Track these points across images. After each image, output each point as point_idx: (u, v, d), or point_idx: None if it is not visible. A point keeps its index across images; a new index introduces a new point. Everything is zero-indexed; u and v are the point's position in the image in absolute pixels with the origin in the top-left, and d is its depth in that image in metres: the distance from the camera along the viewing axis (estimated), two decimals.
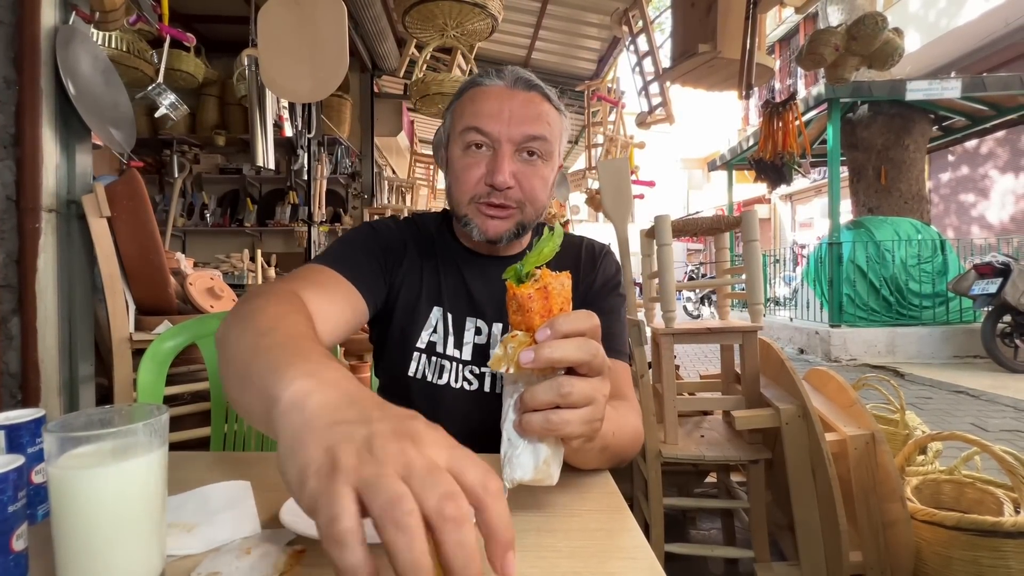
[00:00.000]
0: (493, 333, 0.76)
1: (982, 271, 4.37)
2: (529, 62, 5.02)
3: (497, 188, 0.69)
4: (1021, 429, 2.96)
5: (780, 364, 1.49)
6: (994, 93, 5.07)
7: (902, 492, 1.32)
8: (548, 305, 0.44)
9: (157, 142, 4.36)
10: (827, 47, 2.09)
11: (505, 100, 0.70)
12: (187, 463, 0.64)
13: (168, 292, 1.37)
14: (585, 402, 0.42)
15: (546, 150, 0.71)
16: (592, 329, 0.43)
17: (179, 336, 1.18)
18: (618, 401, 0.66)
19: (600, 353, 0.43)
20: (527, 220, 0.74)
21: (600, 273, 0.80)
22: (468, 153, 0.71)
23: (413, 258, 0.77)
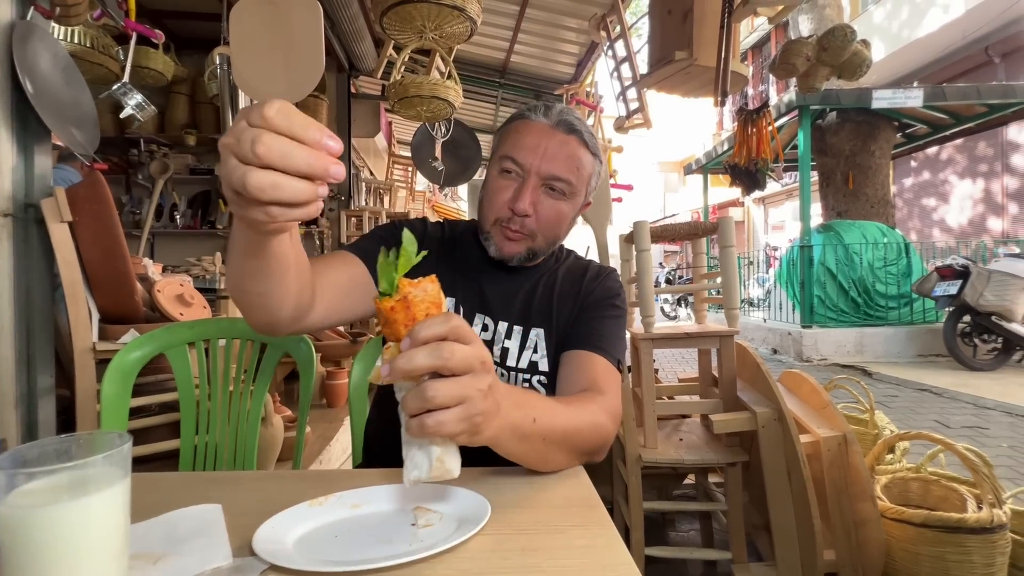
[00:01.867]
0: (498, 331, 0.80)
1: (943, 273, 4.55)
2: (508, 65, 5.02)
3: (516, 214, 0.76)
4: (981, 425, 3.09)
5: (756, 367, 1.52)
6: (953, 102, 5.29)
7: (872, 492, 1.36)
8: (411, 314, 0.45)
9: (124, 141, 4.21)
10: (799, 57, 2.15)
11: (544, 137, 0.77)
12: (153, 486, 0.61)
13: (134, 300, 1.32)
14: (455, 401, 0.43)
15: (569, 191, 0.78)
16: (451, 330, 0.44)
17: (146, 346, 1.14)
18: (584, 394, 0.68)
19: (460, 352, 0.43)
20: (538, 247, 0.81)
21: (599, 287, 0.84)
22: (502, 176, 0.78)
23: (432, 252, 0.84)
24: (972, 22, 7.74)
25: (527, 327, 0.81)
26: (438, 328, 0.43)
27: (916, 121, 6.25)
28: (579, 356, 0.75)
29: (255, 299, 0.59)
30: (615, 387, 0.73)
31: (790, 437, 1.32)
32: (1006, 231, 8.11)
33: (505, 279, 0.84)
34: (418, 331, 0.43)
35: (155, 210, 4.20)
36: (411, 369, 0.42)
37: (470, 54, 4.81)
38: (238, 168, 0.37)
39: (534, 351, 0.80)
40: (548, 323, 0.81)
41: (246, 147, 0.36)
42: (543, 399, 0.59)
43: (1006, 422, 3.15)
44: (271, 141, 0.37)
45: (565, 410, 0.60)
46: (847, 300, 5.38)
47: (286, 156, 0.37)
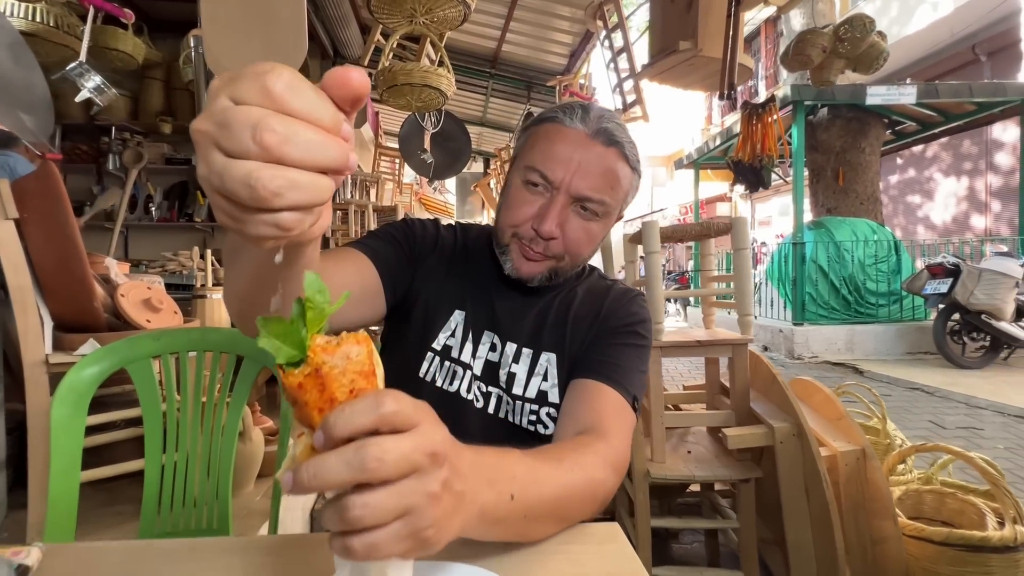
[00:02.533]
0: (506, 352, 0.72)
1: (934, 271, 4.55)
2: (499, 55, 4.87)
3: (541, 236, 0.67)
4: (975, 426, 3.08)
5: (771, 377, 1.43)
6: (945, 100, 5.29)
7: (893, 510, 1.29)
8: (328, 394, 0.32)
9: (94, 128, 3.99)
10: (815, 48, 2.06)
11: (579, 149, 0.66)
12: (85, 561, 0.49)
13: (93, 305, 1.18)
14: (392, 516, 0.30)
15: (603, 211, 0.69)
16: (381, 418, 0.30)
17: (103, 361, 1.01)
18: (583, 439, 0.56)
19: (393, 453, 0.30)
20: (562, 269, 0.71)
21: (622, 310, 0.74)
22: (527, 188, 0.68)
23: (443, 259, 0.76)
24: (960, 20, 7.78)
25: (537, 350, 0.71)
26: (361, 418, 0.30)
27: (906, 118, 6.26)
28: (587, 387, 0.64)
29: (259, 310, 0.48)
30: (624, 429, 0.61)
31: (810, 454, 1.24)
32: (989, 229, 8.22)
33: (518, 296, 0.74)
34: (333, 424, 0.30)
35: (128, 202, 3.99)
36: (322, 485, 0.30)
37: (459, 43, 4.66)
38: (234, 165, 0.26)
39: (544, 378, 0.70)
40: (560, 348, 0.71)
41: (243, 136, 0.26)
42: (523, 461, 0.45)
43: (999, 422, 3.15)
44: (284, 127, 0.26)
45: (553, 472, 0.47)
46: (838, 297, 5.38)
47: (308, 147, 0.27)
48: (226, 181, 0.26)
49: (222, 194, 0.27)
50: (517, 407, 0.69)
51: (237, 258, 0.45)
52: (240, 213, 0.28)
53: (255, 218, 0.28)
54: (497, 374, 0.70)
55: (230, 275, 0.48)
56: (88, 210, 4.07)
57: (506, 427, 0.69)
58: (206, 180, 0.27)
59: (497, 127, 6.56)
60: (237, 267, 0.46)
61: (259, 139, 0.26)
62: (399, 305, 0.73)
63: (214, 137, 0.26)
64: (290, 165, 0.27)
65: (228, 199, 0.27)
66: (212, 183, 0.27)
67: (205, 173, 0.27)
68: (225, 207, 0.28)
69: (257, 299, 0.46)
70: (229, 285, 0.50)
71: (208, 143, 0.27)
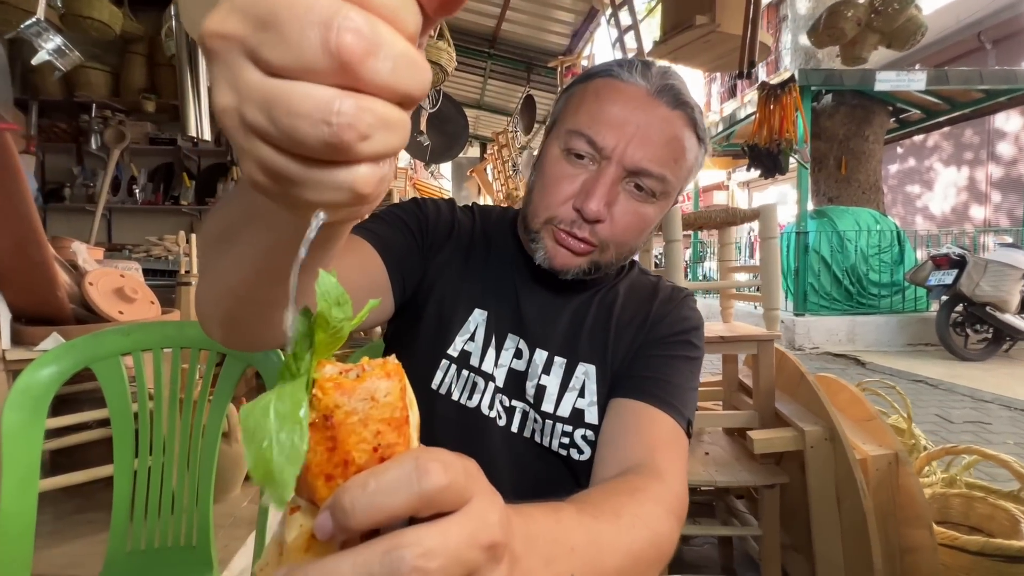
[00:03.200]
0: (534, 361, 0.60)
1: (939, 262, 4.49)
2: (498, 34, 4.69)
3: (585, 218, 0.54)
4: (983, 420, 3.02)
5: (797, 376, 1.34)
6: (953, 87, 5.18)
7: (929, 518, 1.21)
8: (340, 454, 0.21)
9: (73, 106, 3.80)
10: (848, 22, 1.94)
11: (638, 110, 0.54)
12: None
13: (56, 295, 1.06)
14: None
15: (662, 190, 0.56)
16: (423, 499, 0.20)
17: (64, 359, 0.89)
18: (635, 481, 0.45)
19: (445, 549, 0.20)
20: (605, 262, 0.58)
21: (672, 316, 0.62)
22: (568, 160, 0.56)
23: (460, 248, 0.64)
24: (966, 7, 7.65)
25: (573, 360, 0.60)
26: (395, 498, 0.20)
27: (911, 106, 6.15)
28: (634, 410, 0.54)
29: (260, 309, 0.36)
30: (681, 465, 0.51)
31: (844, 460, 1.15)
32: (988, 219, 8.18)
33: (548, 293, 0.62)
34: (351, 506, 0.20)
35: (111, 183, 3.82)
36: None
37: (457, 21, 4.48)
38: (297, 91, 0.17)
39: (580, 394, 0.58)
40: (602, 358, 0.60)
41: (308, 39, 0.16)
42: (580, 524, 0.35)
43: (1007, 417, 3.10)
44: (371, 29, 0.17)
45: (615, 535, 0.38)
46: (839, 288, 5.32)
47: (399, 64, 0.17)
48: (280, 115, 0.17)
49: (266, 137, 0.17)
50: (547, 427, 0.58)
51: (235, 240, 0.32)
52: (296, 168, 0.18)
53: (320, 176, 0.18)
54: (523, 386, 0.59)
55: (219, 265, 0.35)
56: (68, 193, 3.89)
57: (533, 449, 0.58)
58: (235, 115, 0.17)
59: (495, 111, 6.38)
60: (233, 253, 0.33)
61: (337, 45, 0.16)
62: (408, 303, 0.61)
63: (250, 43, 0.17)
64: (369, 91, 0.17)
65: (276, 145, 0.17)
66: (248, 118, 0.17)
67: (233, 103, 0.17)
68: (268, 159, 0.18)
69: (260, 297, 0.35)
70: (215, 279, 0.36)
71: (237, 53, 0.17)
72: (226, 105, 0.18)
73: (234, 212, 0.32)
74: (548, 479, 0.58)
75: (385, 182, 0.19)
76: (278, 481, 0.19)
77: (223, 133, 0.19)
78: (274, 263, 0.31)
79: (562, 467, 0.58)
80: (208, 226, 0.37)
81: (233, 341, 0.42)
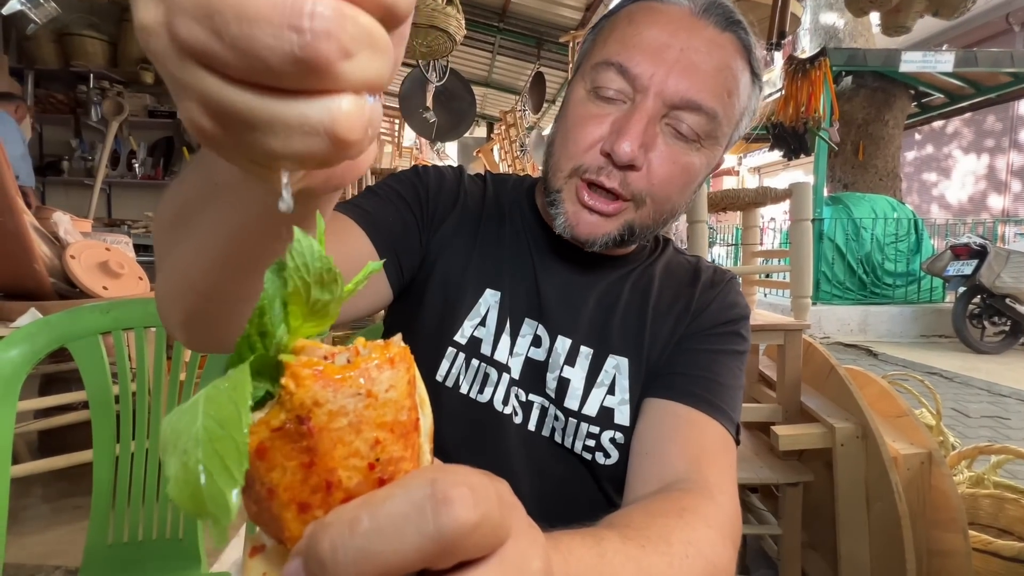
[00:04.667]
0: (555, 350, 0.51)
1: (958, 252, 4.35)
2: (508, 6, 4.52)
3: (615, 162, 0.44)
4: (1001, 415, 2.94)
5: (826, 368, 1.26)
6: (982, 69, 4.97)
7: (964, 522, 1.13)
8: (320, 473, 0.15)
9: (70, 75, 3.70)
10: None
11: (681, 32, 0.44)
12: None
13: (33, 267, 0.98)
14: None
15: (709, 132, 0.46)
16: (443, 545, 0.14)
17: (37, 338, 0.82)
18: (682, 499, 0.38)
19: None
20: (641, 224, 0.48)
21: (717, 303, 0.53)
22: (593, 100, 0.46)
23: (468, 220, 0.55)
24: None
25: (602, 352, 0.51)
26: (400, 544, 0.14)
27: (934, 90, 5.93)
28: (678, 414, 0.46)
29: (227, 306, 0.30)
30: (731, 478, 0.44)
31: (878, 459, 1.07)
32: (1007, 209, 7.98)
33: (572, 269, 0.54)
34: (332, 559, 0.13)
35: (111, 157, 3.73)
36: None
37: None
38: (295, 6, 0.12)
39: (610, 391, 0.50)
40: (636, 351, 0.51)
41: None
42: (630, 555, 0.29)
43: None
44: None
45: (666, 567, 0.31)
46: (853, 277, 5.20)
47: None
48: (229, 23, 0.12)
49: (209, 60, 0.13)
50: (570, 426, 0.50)
51: (192, 224, 0.26)
52: (253, 101, 0.13)
53: (286, 111, 0.13)
54: (543, 378, 0.51)
55: (176, 255, 0.29)
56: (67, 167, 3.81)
57: (553, 450, 0.51)
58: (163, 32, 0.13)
59: (503, 88, 6.22)
60: (191, 241, 0.27)
61: None
62: (409, 285, 0.53)
63: None
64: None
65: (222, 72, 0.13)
66: (183, 35, 0.13)
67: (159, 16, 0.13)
68: (215, 91, 0.13)
69: (225, 291, 0.28)
70: (172, 272, 0.30)
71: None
72: (150, 21, 0.13)
73: (190, 190, 0.26)
74: (571, 487, 0.50)
75: (373, 127, 0.15)
76: (211, 506, 0.13)
77: (151, 64, 0.14)
78: (239, 250, 0.25)
79: (584, 472, 0.50)
80: (162, 209, 0.30)
81: (198, 343, 0.35)
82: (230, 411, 0.14)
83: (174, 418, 0.15)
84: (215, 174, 0.22)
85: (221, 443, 0.13)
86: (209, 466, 0.13)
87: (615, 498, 0.50)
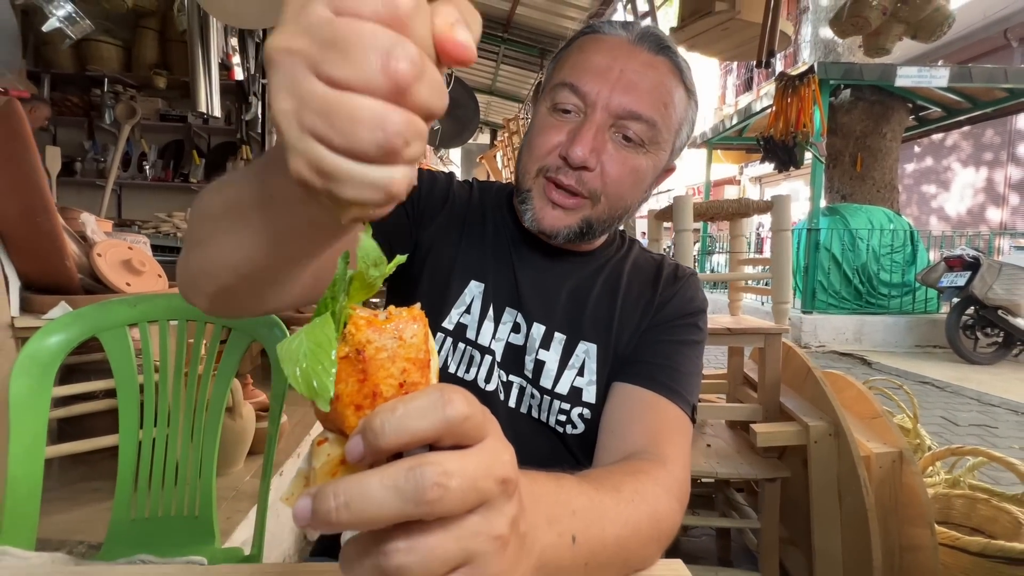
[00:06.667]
0: (532, 335, 0.59)
1: (952, 264, 4.42)
2: (513, 17, 4.63)
3: (571, 164, 0.53)
4: (989, 424, 3.00)
5: (804, 371, 1.33)
6: (976, 85, 5.06)
7: (931, 517, 1.20)
8: (370, 385, 0.23)
9: (85, 79, 3.80)
10: (874, 11, 1.88)
11: (620, 57, 0.54)
12: None
13: (65, 264, 1.06)
14: (445, 567, 0.22)
15: (651, 138, 0.55)
16: (448, 425, 0.22)
17: (72, 327, 0.89)
18: (640, 464, 0.46)
19: (459, 478, 0.21)
20: (597, 219, 0.57)
21: (678, 297, 0.61)
22: (554, 115, 0.56)
23: (455, 219, 0.63)
24: (994, 2, 7.44)
25: (574, 338, 0.59)
26: (421, 422, 0.21)
27: (931, 104, 6.01)
28: (641, 397, 0.54)
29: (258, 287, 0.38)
30: (684, 450, 0.51)
31: (848, 456, 1.14)
32: (1005, 222, 8.04)
33: (546, 264, 0.61)
34: (380, 427, 0.21)
35: (122, 159, 3.83)
36: (355, 519, 0.21)
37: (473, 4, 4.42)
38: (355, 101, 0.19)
39: (579, 373, 0.58)
40: (605, 338, 0.59)
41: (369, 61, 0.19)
42: (582, 491, 0.37)
43: (1013, 421, 3.07)
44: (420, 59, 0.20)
45: (614, 504, 0.38)
46: (848, 287, 5.26)
47: (433, 88, 0.21)
48: (338, 121, 0.19)
49: (323, 138, 0.20)
50: (544, 402, 0.58)
51: (244, 220, 0.33)
52: (346, 166, 0.20)
53: (362, 173, 0.20)
54: (521, 360, 0.59)
55: (222, 241, 0.36)
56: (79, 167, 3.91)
57: (532, 424, 0.58)
58: (294, 119, 0.20)
59: (507, 97, 6.32)
60: (240, 232, 0.34)
61: (394, 69, 0.19)
62: (402, 275, 0.61)
63: (315, 59, 0.19)
64: (410, 107, 0.20)
65: (331, 146, 0.20)
66: (307, 122, 0.20)
67: (292, 109, 0.20)
68: (321, 157, 0.20)
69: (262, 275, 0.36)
70: (214, 253, 0.36)
71: (301, 67, 0.19)
72: (286, 108, 0.20)
73: (245, 193, 0.33)
74: (546, 455, 0.57)
75: (411, 184, 0.22)
76: (320, 389, 0.22)
77: (276, 132, 0.21)
78: (282, 246, 0.33)
79: (557, 442, 0.58)
80: (210, 201, 0.37)
81: (218, 310, 0.43)
82: (323, 339, 0.22)
83: (286, 344, 0.23)
84: (273, 189, 0.29)
85: (319, 355, 0.22)
86: (314, 368, 0.22)
87: (583, 462, 0.57)
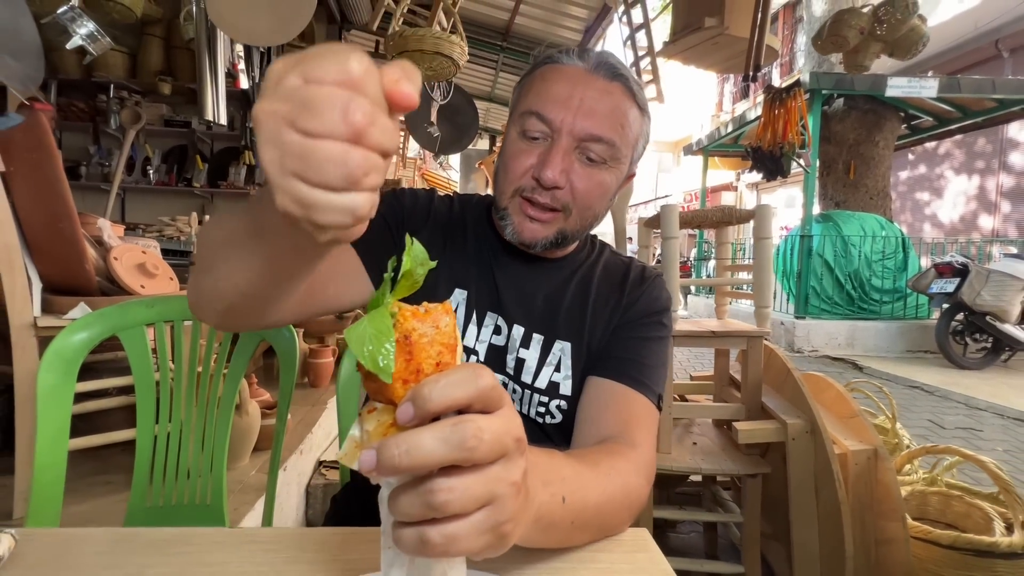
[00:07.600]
0: (512, 336, 0.65)
1: (941, 271, 4.50)
2: (512, 27, 4.72)
3: (543, 185, 0.59)
4: (974, 427, 3.07)
5: (784, 372, 1.39)
6: (965, 95, 5.16)
7: (903, 511, 1.26)
8: (415, 364, 0.30)
9: (91, 85, 3.87)
10: (852, 30, 1.96)
11: (579, 85, 0.60)
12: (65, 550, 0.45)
13: (84, 268, 1.12)
14: (477, 504, 0.29)
15: (611, 155, 0.61)
16: (479, 393, 0.29)
17: (94, 326, 0.95)
18: (612, 447, 0.53)
19: (490, 432, 0.28)
20: (571, 229, 0.63)
21: (644, 297, 0.68)
22: (523, 139, 0.62)
23: (437, 232, 0.68)
24: (986, 13, 7.57)
25: (551, 338, 0.65)
26: (460, 391, 0.28)
27: (923, 113, 6.12)
28: (612, 389, 0.60)
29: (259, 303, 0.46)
30: (651, 435, 0.58)
31: (824, 452, 1.21)
32: (997, 230, 8.14)
33: (523, 271, 0.67)
34: (428, 395, 0.28)
35: (126, 163, 3.89)
36: (413, 464, 0.27)
37: (470, 13, 4.50)
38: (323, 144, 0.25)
39: (556, 369, 0.64)
40: (578, 337, 0.65)
41: (332, 115, 0.25)
42: (569, 463, 0.44)
43: (999, 424, 3.14)
44: (371, 109, 0.26)
45: (594, 476, 0.45)
46: (841, 292, 5.34)
47: (384, 131, 0.26)
48: (311, 162, 0.25)
49: (301, 176, 0.26)
50: (526, 396, 0.64)
51: (242, 248, 0.41)
52: (320, 196, 0.26)
53: (333, 201, 0.26)
54: (503, 359, 0.64)
55: (226, 267, 0.43)
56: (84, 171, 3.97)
57: None
58: (277, 163, 0.26)
59: (505, 103, 6.40)
60: (240, 258, 0.42)
61: (351, 119, 0.25)
62: None
63: (291, 117, 0.25)
64: (367, 147, 0.26)
65: (307, 182, 0.26)
66: (288, 165, 0.26)
67: (276, 156, 0.26)
68: (300, 192, 0.26)
69: (261, 293, 0.44)
70: (221, 277, 0.44)
71: (281, 124, 0.25)
72: (271, 156, 0.26)
73: (240, 226, 0.41)
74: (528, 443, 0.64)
75: (374, 209, 0.28)
76: (384, 366, 0.29)
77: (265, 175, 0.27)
78: (275, 268, 0.41)
79: (538, 431, 0.64)
80: (213, 233, 0.46)
81: (227, 325, 0.52)
82: (381, 326, 0.29)
83: (353, 330, 0.29)
84: (263, 221, 0.37)
85: (380, 339, 0.29)
86: (379, 350, 0.29)
87: (562, 448, 0.63)
